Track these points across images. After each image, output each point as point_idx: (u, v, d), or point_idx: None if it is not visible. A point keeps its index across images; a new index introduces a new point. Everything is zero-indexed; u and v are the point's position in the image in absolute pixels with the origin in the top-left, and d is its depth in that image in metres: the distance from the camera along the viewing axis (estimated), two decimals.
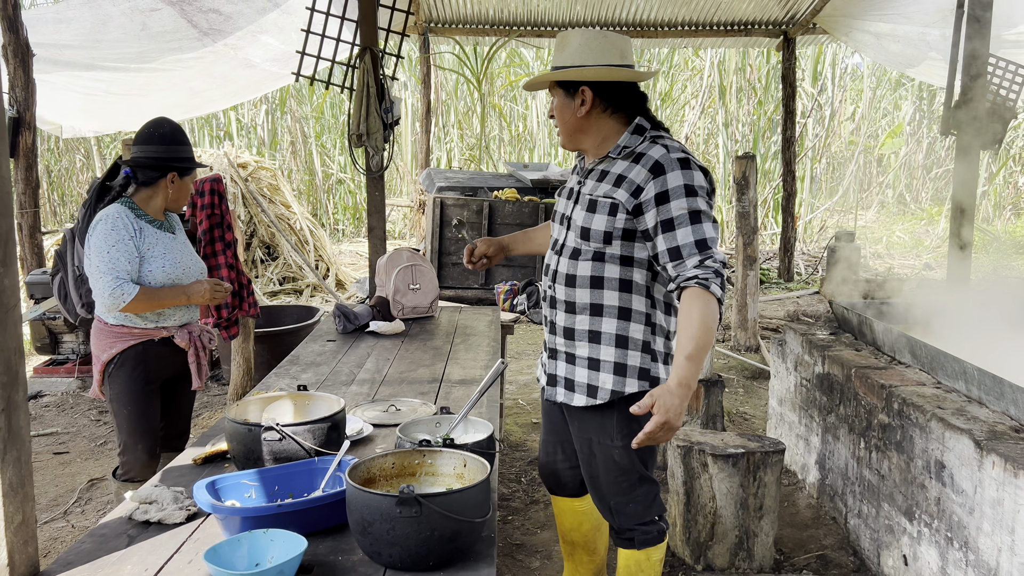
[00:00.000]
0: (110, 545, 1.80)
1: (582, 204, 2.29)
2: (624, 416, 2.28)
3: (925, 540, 2.82)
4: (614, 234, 2.21)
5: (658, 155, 2.17)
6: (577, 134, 2.30)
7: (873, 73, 15.19)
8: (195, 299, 3.00)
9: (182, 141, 3.01)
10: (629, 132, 2.25)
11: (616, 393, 2.28)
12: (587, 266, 2.27)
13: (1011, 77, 5.37)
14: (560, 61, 2.24)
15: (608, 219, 2.20)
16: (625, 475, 2.36)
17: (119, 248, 2.82)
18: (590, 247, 2.26)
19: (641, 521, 2.40)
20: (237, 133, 14.20)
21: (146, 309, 2.91)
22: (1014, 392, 2.66)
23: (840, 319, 4.16)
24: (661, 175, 2.14)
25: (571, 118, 2.27)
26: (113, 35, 6.04)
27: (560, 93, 2.26)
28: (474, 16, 9.26)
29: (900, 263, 11.22)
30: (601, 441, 2.35)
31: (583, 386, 2.33)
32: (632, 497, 2.38)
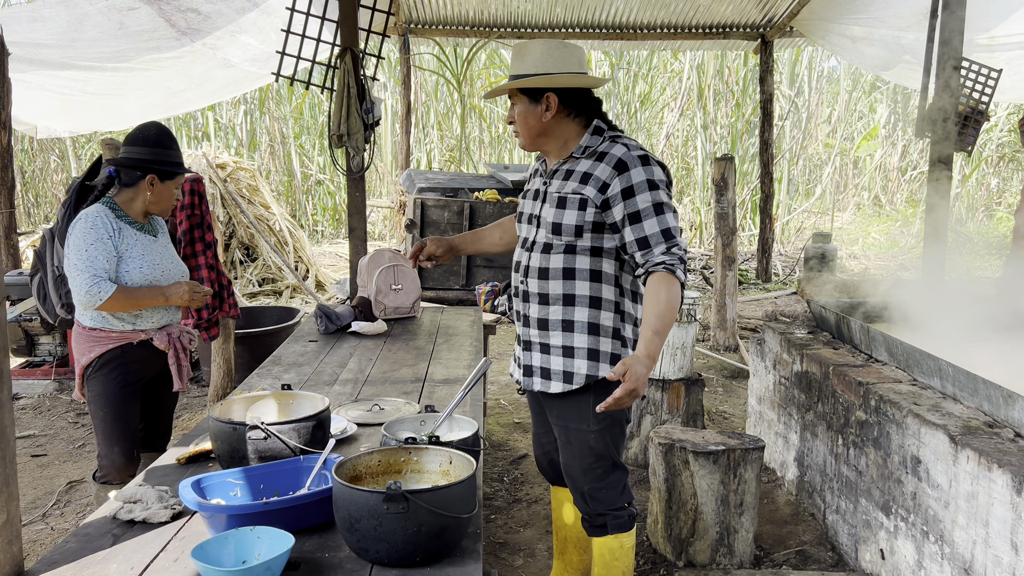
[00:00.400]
0: (95, 544, 1.79)
1: (551, 202, 2.42)
2: (600, 400, 2.38)
3: (902, 534, 2.87)
4: (584, 227, 2.35)
5: (620, 153, 2.33)
6: (540, 138, 2.43)
7: (849, 76, 15.38)
8: (173, 300, 2.97)
9: (167, 145, 2.97)
10: (589, 133, 2.41)
11: (591, 377, 2.42)
12: (559, 259, 2.40)
13: (984, 80, 5.46)
14: (523, 69, 2.36)
15: (579, 213, 2.35)
16: (600, 461, 2.49)
17: (97, 247, 2.81)
18: (562, 241, 2.39)
19: (613, 507, 2.53)
20: (215, 133, 14.10)
21: (123, 308, 2.88)
22: (988, 388, 2.72)
23: (818, 318, 4.22)
24: (625, 171, 2.30)
25: (536, 123, 2.40)
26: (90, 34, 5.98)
27: (524, 100, 2.39)
28: (454, 17, 9.27)
29: (876, 264, 11.37)
30: (578, 427, 2.47)
31: (559, 373, 2.46)
32: (606, 483, 2.51)
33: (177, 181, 3.03)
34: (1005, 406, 2.63)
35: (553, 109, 2.37)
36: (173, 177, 2.99)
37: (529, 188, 2.59)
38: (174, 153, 2.98)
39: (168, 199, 3.01)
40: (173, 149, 2.98)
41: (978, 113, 5.47)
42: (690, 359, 4.37)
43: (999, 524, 2.31)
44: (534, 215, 2.49)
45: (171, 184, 2.99)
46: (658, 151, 14.27)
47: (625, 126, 14.41)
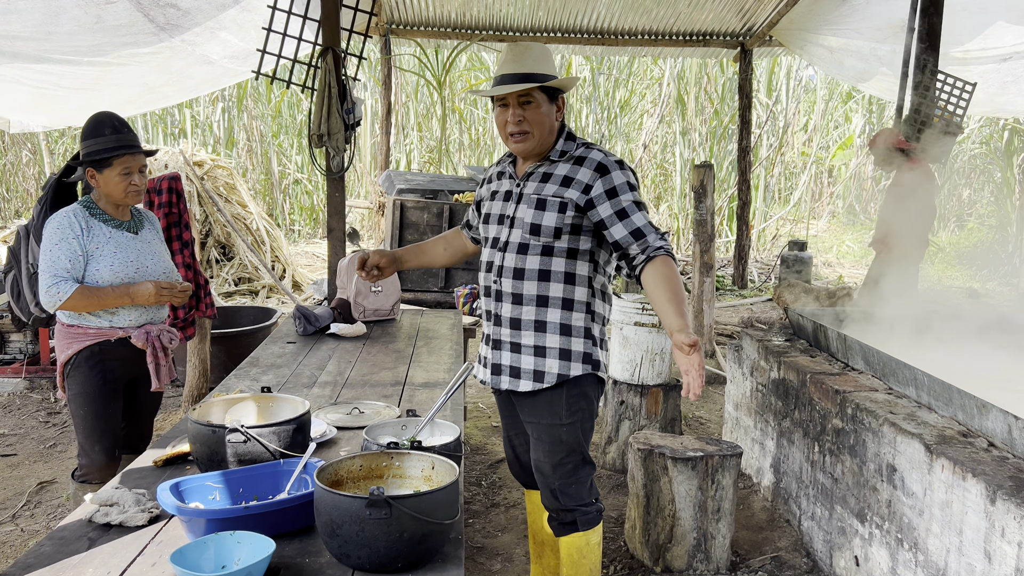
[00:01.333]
0: (70, 548, 1.76)
1: (528, 203, 2.47)
2: (572, 395, 2.49)
3: (876, 541, 2.91)
4: (563, 229, 2.43)
5: (599, 158, 2.45)
6: (547, 137, 2.47)
7: (825, 86, 15.56)
8: (139, 299, 2.86)
9: (97, 133, 2.81)
10: (564, 138, 2.51)
11: (562, 376, 2.47)
12: (535, 260, 2.46)
13: (958, 93, 5.55)
14: (541, 69, 2.41)
15: (559, 216, 2.42)
16: (570, 455, 2.52)
17: (61, 247, 2.77)
18: (539, 241, 2.44)
19: (582, 502, 2.56)
20: (192, 131, 13.95)
21: (87, 308, 2.82)
22: (962, 398, 2.76)
23: (795, 326, 4.26)
24: (607, 174, 2.42)
25: (550, 122, 2.46)
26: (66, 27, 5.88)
27: (544, 100, 2.44)
28: (436, 19, 9.26)
29: (850, 272, 11.50)
30: (550, 422, 2.50)
31: (529, 372, 2.50)
32: (576, 478, 2.54)
33: (120, 166, 2.81)
34: (979, 416, 2.67)
35: (562, 110, 2.49)
36: (108, 163, 2.81)
37: (496, 190, 2.62)
38: (104, 140, 2.80)
39: (118, 186, 2.83)
40: (103, 136, 2.80)
41: (952, 125, 5.55)
42: (668, 365, 4.39)
43: (973, 533, 2.34)
44: (505, 216, 2.53)
45: (111, 172, 2.81)
46: (637, 157, 14.35)
47: (605, 131, 14.47)
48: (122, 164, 2.83)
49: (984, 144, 13.72)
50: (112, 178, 2.84)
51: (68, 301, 2.75)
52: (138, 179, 2.86)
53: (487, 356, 2.62)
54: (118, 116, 2.88)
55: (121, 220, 2.95)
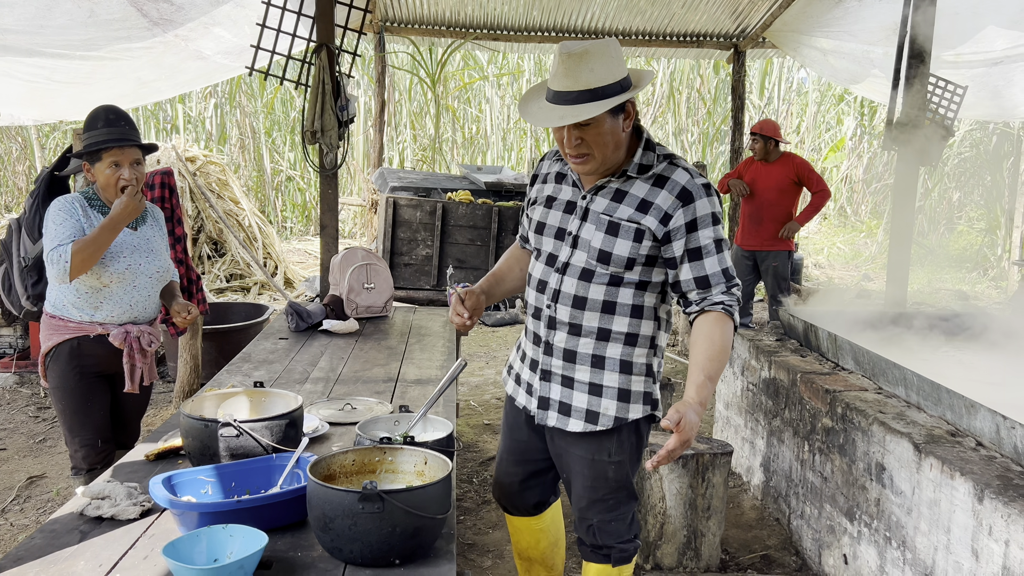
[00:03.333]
0: (62, 541, 1.76)
1: (597, 224, 2.15)
2: (625, 434, 2.25)
3: (865, 540, 2.93)
4: (637, 260, 2.13)
5: (684, 181, 2.10)
6: (615, 152, 2.11)
7: (817, 88, 15.62)
8: (122, 220, 2.72)
9: (91, 126, 2.79)
10: (642, 148, 2.14)
11: (619, 420, 2.22)
12: (600, 290, 2.17)
13: (949, 96, 5.58)
14: (598, 80, 1.97)
15: (633, 245, 2.11)
16: (614, 493, 2.31)
17: (65, 225, 2.73)
18: (607, 270, 2.15)
19: (621, 539, 2.36)
20: (184, 127, 13.91)
21: (92, 257, 2.71)
22: (951, 398, 2.78)
23: (786, 326, 4.28)
24: (690, 203, 2.09)
25: (618, 138, 2.09)
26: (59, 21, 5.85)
27: (606, 116, 2.03)
28: (430, 17, 9.25)
29: (840, 274, 11.56)
30: (597, 458, 2.27)
31: (581, 411, 2.23)
32: (617, 515, 2.34)
33: (109, 159, 2.78)
34: (968, 415, 2.69)
35: (632, 116, 2.10)
36: (99, 157, 2.79)
37: (554, 196, 2.27)
38: (96, 133, 2.78)
39: (107, 180, 2.80)
40: (96, 129, 2.78)
41: (943, 128, 5.58)
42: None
43: (960, 531, 2.36)
44: (567, 231, 2.21)
45: (102, 165, 2.79)
46: None
47: None
48: (111, 157, 2.79)
49: (974, 147, 13.80)
50: (102, 172, 2.81)
51: (73, 259, 2.67)
52: (128, 173, 2.81)
53: (533, 385, 2.32)
54: (116, 109, 2.84)
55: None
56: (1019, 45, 6.47)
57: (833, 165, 15.36)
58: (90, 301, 2.85)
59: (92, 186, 2.89)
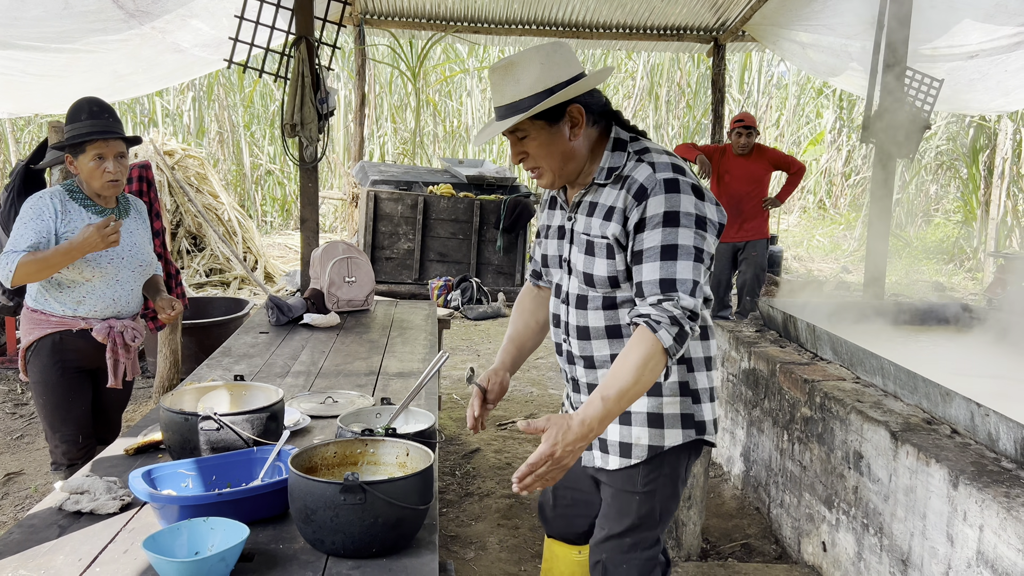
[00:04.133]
0: (40, 536, 1.75)
1: (579, 245, 1.98)
2: (662, 462, 2.02)
3: (843, 527, 2.96)
4: (619, 277, 1.91)
5: (643, 176, 1.86)
6: (568, 164, 1.93)
7: (797, 81, 15.72)
8: (83, 249, 2.68)
9: (74, 118, 2.77)
10: (609, 150, 1.93)
11: (654, 449, 1.99)
12: (598, 315, 1.98)
13: (926, 89, 5.63)
14: (525, 91, 1.84)
15: (608, 262, 1.90)
16: (634, 531, 2.05)
17: (29, 226, 2.71)
18: (598, 293, 1.96)
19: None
20: (162, 120, 13.77)
21: (38, 273, 2.69)
22: (927, 386, 2.82)
23: (765, 317, 4.32)
24: (644, 200, 1.84)
25: (564, 147, 1.89)
26: (33, 13, 5.78)
27: (542, 126, 1.87)
28: (411, 9, 9.22)
29: (819, 266, 11.66)
30: (626, 489, 2.05)
31: (615, 445, 2.03)
32: (628, 558, 2.05)
33: (93, 152, 2.76)
34: (943, 403, 2.73)
35: (581, 123, 1.88)
36: (83, 149, 2.76)
37: (550, 224, 2.13)
38: (80, 125, 2.76)
39: (91, 173, 2.78)
40: (80, 121, 2.76)
41: (920, 121, 5.63)
42: None
43: (935, 517, 2.40)
44: (563, 258, 2.05)
45: (85, 158, 2.76)
46: None
47: None
48: (95, 150, 2.77)
49: (951, 140, 13.96)
50: (86, 165, 2.78)
51: (17, 271, 2.64)
52: (112, 166, 2.79)
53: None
54: (100, 101, 2.82)
55: (103, 207, 2.89)
56: (994, 39, 6.54)
57: (812, 158, 15.49)
58: (72, 296, 2.82)
59: (75, 178, 2.87)
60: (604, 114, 1.96)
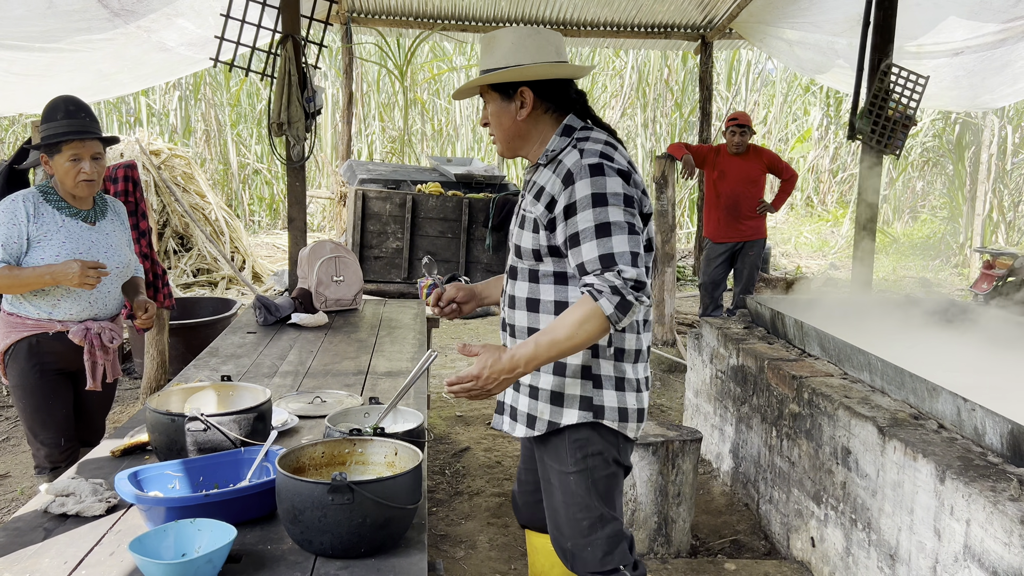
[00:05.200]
0: (25, 539, 1.73)
1: (517, 220, 2.14)
2: (575, 442, 2.10)
3: (831, 522, 2.98)
4: (541, 251, 2.05)
5: (571, 162, 1.98)
6: (516, 140, 2.12)
7: (784, 79, 15.78)
8: (61, 279, 2.68)
9: (50, 117, 2.73)
10: (557, 135, 2.07)
11: (552, 424, 2.10)
12: (524, 287, 2.12)
13: (911, 86, 5.66)
14: (492, 63, 2.04)
15: (533, 236, 2.05)
16: (583, 511, 2.11)
17: (0, 231, 2.69)
18: (525, 265, 2.11)
19: (598, 570, 2.12)
20: (148, 119, 13.69)
21: (9, 289, 2.69)
22: (914, 382, 2.83)
23: (754, 314, 4.33)
24: (570, 185, 1.96)
25: (510, 123, 2.09)
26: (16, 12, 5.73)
27: (496, 98, 2.08)
28: (398, 7, 9.19)
29: (807, 263, 11.71)
30: (560, 468, 2.13)
31: (523, 415, 2.16)
32: (590, 540, 2.12)
33: (69, 152, 2.72)
34: (930, 398, 2.74)
35: (528, 105, 2.05)
36: (58, 149, 2.72)
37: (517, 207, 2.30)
38: (55, 124, 2.71)
39: (67, 173, 2.73)
40: (56, 120, 2.72)
41: (906, 118, 5.66)
42: None
43: (923, 511, 2.41)
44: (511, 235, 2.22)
45: (61, 158, 2.72)
46: None
47: None
48: (71, 150, 2.73)
49: (937, 137, 14.04)
50: (61, 165, 2.74)
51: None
52: (89, 167, 2.75)
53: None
54: (76, 100, 2.77)
55: (78, 208, 2.86)
56: (979, 35, 6.58)
57: (800, 155, 15.54)
58: (47, 299, 2.79)
59: (50, 179, 2.83)
60: (570, 106, 2.10)
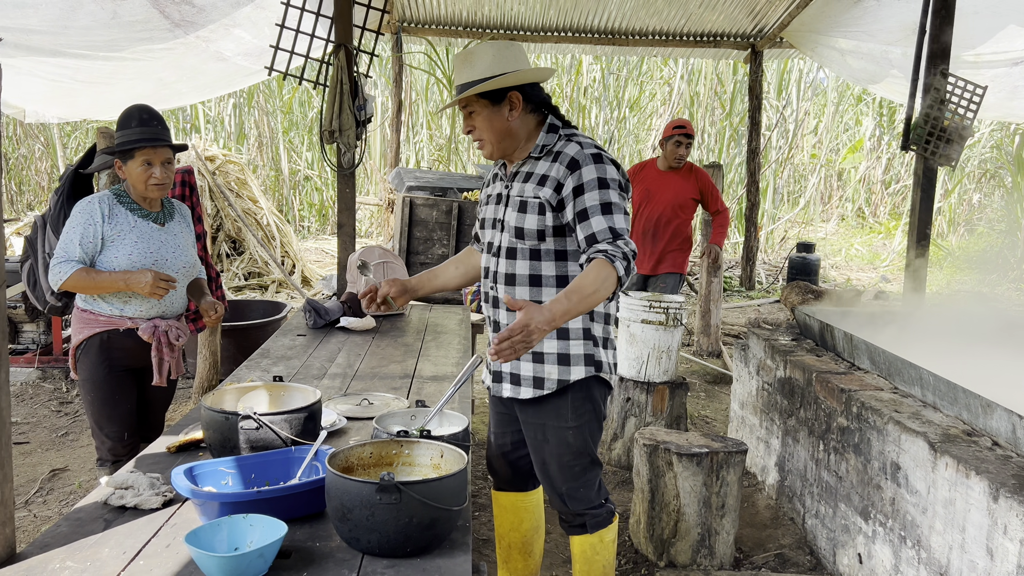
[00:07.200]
0: (86, 529, 1.80)
1: (512, 205, 2.40)
2: (577, 398, 2.44)
3: (879, 539, 2.92)
4: (546, 231, 2.35)
5: (573, 152, 2.32)
6: (506, 140, 2.39)
7: (836, 88, 15.53)
8: (134, 287, 2.82)
9: (125, 125, 2.86)
10: (544, 132, 2.40)
11: (563, 382, 2.42)
12: (525, 264, 2.40)
13: (968, 96, 5.54)
14: (478, 74, 2.31)
15: (539, 218, 2.34)
16: (577, 458, 2.47)
17: (77, 230, 2.82)
18: (526, 245, 2.38)
19: (591, 505, 2.53)
20: (204, 126, 14.04)
21: (85, 290, 2.85)
22: (967, 397, 2.77)
23: (802, 326, 4.28)
24: (576, 169, 2.30)
25: (502, 125, 2.36)
26: (82, 22, 5.94)
27: (486, 105, 2.34)
28: (447, 17, 9.29)
29: (858, 275, 11.49)
30: (556, 424, 2.45)
31: (529, 379, 2.45)
32: (583, 481, 2.50)
33: (141, 158, 2.84)
34: (984, 415, 2.68)
35: (518, 107, 2.35)
36: (131, 155, 2.85)
37: (491, 193, 2.57)
38: (129, 132, 2.84)
39: (139, 177, 2.86)
40: (130, 128, 2.85)
41: (962, 128, 5.54)
42: (675, 363, 4.42)
43: (975, 530, 2.36)
44: (497, 219, 2.48)
45: (134, 163, 2.85)
46: (647, 157, 14.36)
47: (614, 131, 14.48)
48: (143, 156, 2.86)
49: (995, 149, 13.68)
50: (134, 170, 2.87)
51: (68, 280, 2.78)
52: (160, 172, 2.88)
53: (489, 363, 2.59)
54: (149, 109, 2.91)
55: (148, 210, 2.97)
56: None
57: (851, 166, 15.28)
58: (120, 296, 2.91)
59: (123, 183, 2.96)
60: (543, 106, 2.42)
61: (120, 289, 2.86)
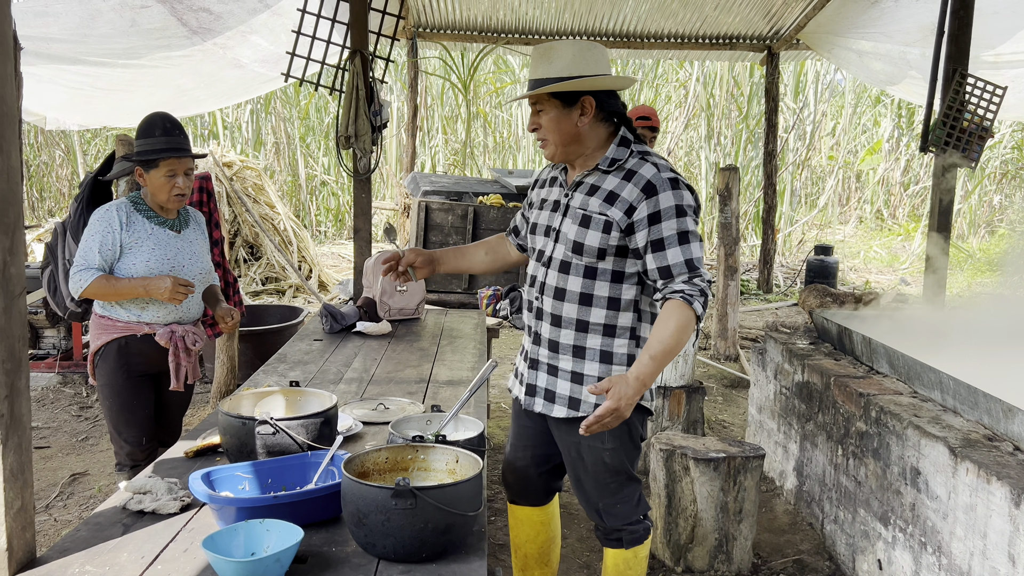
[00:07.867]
0: (105, 533, 1.82)
1: (573, 218, 2.29)
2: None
3: (899, 545, 2.90)
4: (608, 250, 2.24)
5: (649, 174, 2.21)
6: (572, 145, 2.28)
7: (853, 90, 15.43)
8: (153, 293, 2.85)
9: (148, 134, 2.89)
10: (616, 144, 2.28)
11: (598, 405, 2.27)
12: (577, 281, 2.30)
13: (988, 97, 5.49)
14: (554, 72, 2.20)
15: (602, 236, 2.23)
16: (614, 476, 2.40)
17: (95, 238, 2.85)
18: (582, 261, 2.28)
19: (628, 521, 2.46)
20: (222, 132, 14.15)
21: (105, 296, 2.89)
22: (988, 402, 2.74)
23: (820, 329, 4.24)
24: (653, 195, 2.19)
25: (570, 129, 2.25)
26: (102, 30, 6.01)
27: (556, 105, 2.23)
28: (462, 22, 9.32)
29: (877, 277, 11.39)
30: (592, 444, 2.36)
31: (564, 398, 2.37)
32: (620, 498, 2.43)
33: (166, 168, 2.87)
34: (1005, 420, 2.65)
35: (590, 114, 2.23)
36: (155, 164, 2.87)
37: (546, 197, 2.45)
38: (153, 141, 2.87)
39: (161, 187, 2.89)
40: (153, 137, 2.87)
41: (983, 129, 5.49)
42: (691, 367, 4.40)
43: (997, 536, 2.33)
44: (552, 228, 2.37)
45: (157, 173, 2.88)
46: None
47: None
48: (168, 166, 2.89)
49: (1016, 149, 13.53)
50: (157, 179, 2.90)
51: (88, 288, 2.82)
52: (182, 182, 2.92)
53: (523, 373, 2.49)
54: (171, 118, 2.94)
55: (165, 218, 3.01)
56: None
57: (870, 168, 15.17)
58: (137, 302, 2.94)
59: (141, 190, 2.99)
60: (617, 116, 2.30)
61: (140, 295, 2.89)
